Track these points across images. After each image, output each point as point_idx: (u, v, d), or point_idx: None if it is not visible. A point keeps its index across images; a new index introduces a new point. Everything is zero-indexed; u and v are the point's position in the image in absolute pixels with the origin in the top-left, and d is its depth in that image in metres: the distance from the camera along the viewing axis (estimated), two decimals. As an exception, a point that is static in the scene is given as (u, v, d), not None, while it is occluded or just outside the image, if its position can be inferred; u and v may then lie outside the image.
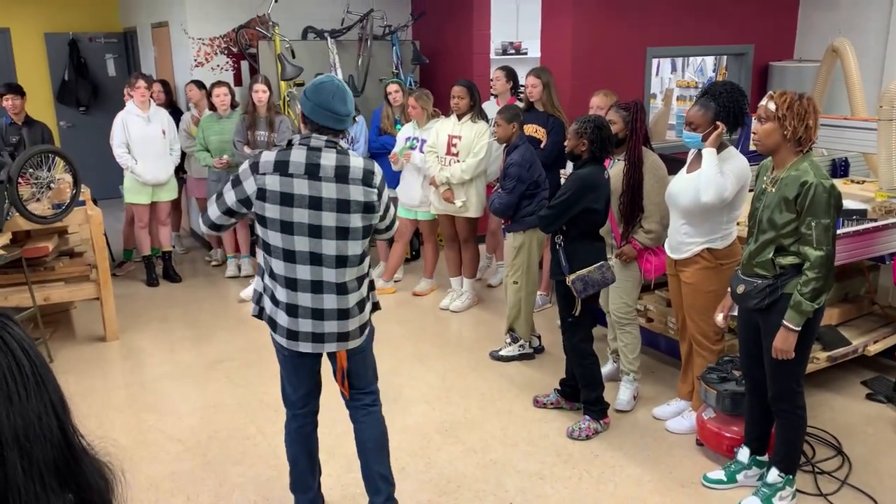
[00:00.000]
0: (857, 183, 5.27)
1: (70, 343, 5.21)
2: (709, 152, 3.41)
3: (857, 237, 3.95)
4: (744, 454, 3.40)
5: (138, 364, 4.92)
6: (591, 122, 3.67)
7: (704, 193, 3.39)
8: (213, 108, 6.26)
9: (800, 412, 3.16)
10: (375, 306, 3.03)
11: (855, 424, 3.93)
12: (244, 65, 7.13)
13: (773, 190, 3.00)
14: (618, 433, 3.89)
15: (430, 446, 3.81)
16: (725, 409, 3.52)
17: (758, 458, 3.38)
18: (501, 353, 4.81)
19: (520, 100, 5.72)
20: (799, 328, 2.94)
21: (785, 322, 2.95)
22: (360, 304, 2.87)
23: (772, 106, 2.96)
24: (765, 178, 3.10)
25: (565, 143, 3.79)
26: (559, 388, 4.16)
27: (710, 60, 8.52)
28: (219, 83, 6.25)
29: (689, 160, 3.67)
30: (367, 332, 2.96)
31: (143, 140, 6.03)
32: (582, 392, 3.91)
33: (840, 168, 5.65)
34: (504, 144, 4.64)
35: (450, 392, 4.39)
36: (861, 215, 4.19)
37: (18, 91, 6.05)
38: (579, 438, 3.81)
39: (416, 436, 3.88)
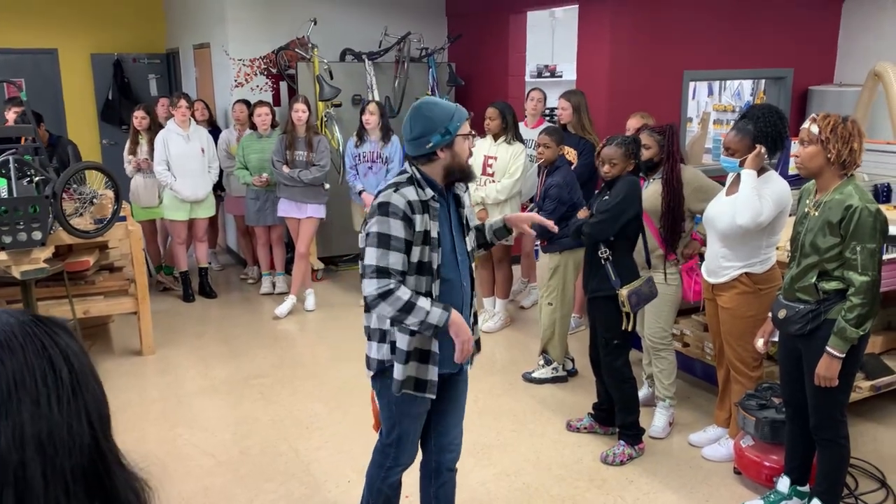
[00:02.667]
0: (901, 209, 5.15)
1: (108, 356, 5.29)
2: (747, 174, 3.37)
3: (902, 263, 3.86)
4: (784, 484, 3.32)
5: (174, 378, 4.97)
6: (633, 139, 3.76)
7: (740, 216, 3.34)
8: (253, 127, 6.36)
9: (843, 441, 3.08)
10: (411, 356, 2.57)
11: (899, 456, 3.82)
12: (283, 85, 7.25)
13: (817, 214, 2.95)
14: (653, 459, 3.82)
15: (462, 468, 3.74)
16: (765, 436, 3.44)
17: (798, 488, 3.29)
18: (534, 374, 4.77)
19: (551, 122, 5.73)
20: (843, 355, 2.87)
21: (828, 348, 2.88)
22: (375, 333, 2.62)
23: (815, 129, 2.91)
24: (807, 202, 3.05)
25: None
26: (592, 412, 4.11)
27: (747, 84, 8.45)
28: (260, 103, 6.36)
29: (727, 183, 3.63)
30: (380, 377, 2.67)
31: (182, 157, 6.14)
32: (618, 416, 3.86)
33: (882, 194, 5.54)
34: (542, 166, 4.64)
35: (482, 414, 4.36)
36: (905, 241, 4.09)
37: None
38: (614, 464, 3.75)
39: (448, 457, 3.85)
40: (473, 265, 2.72)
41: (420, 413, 2.73)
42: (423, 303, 2.44)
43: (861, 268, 2.82)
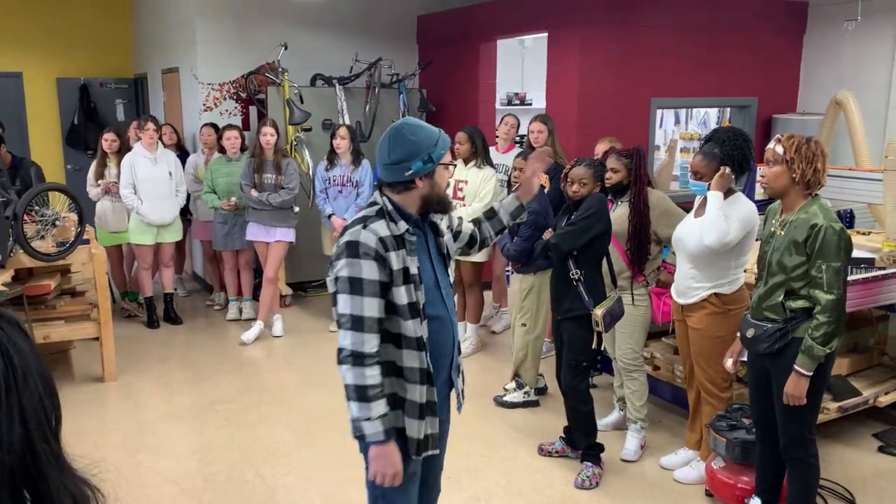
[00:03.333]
0: (864, 234, 5.25)
1: (68, 382, 5.14)
2: (713, 195, 3.40)
3: (866, 285, 3.92)
4: (755, 505, 3.31)
5: (136, 405, 4.84)
6: (600, 162, 3.82)
7: (707, 237, 3.37)
8: (222, 150, 6.31)
9: (812, 461, 3.08)
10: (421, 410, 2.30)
11: (867, 477, 3.84)
12: (252, 110, 7.22)
13: (783, 233, 2.98)
14: (625, 483, 3.79)
15: (432, 493, 3.70)
16: (735, 458, 3.43)
17: (770, 509, 3.28)
18: (506, 399, 4.73)
19: (520, 146, 5.77)
20: (811, 373, 2.89)
21: (796, 367, 2.89)
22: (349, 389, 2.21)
23: (780, 149, 2.96)
24: (773, 222, 3.09)
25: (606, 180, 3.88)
26: (564, 435, 4.07)
27: (713, 112, 8.59)
28: (229, 126, 6.32)
29: (695, 206, 3.66)
30: (360, 442, 2.29)
31: (149, 181, 6.06)
32: (579, 439, 3.84)
33: (845, 219, 5.64)
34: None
35: (455, 439, 4.26)
36: (868, 264, 4.16)
37: None
38: (591, 487, 3.71)
39: (418, 482, 3.78)
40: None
41: (413, 476, 2.37)
42: (378, 406, 2.17)
43: (827, 286, 2.85)
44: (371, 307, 2.17)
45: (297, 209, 6.01)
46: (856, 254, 4.14)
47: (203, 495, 3.69)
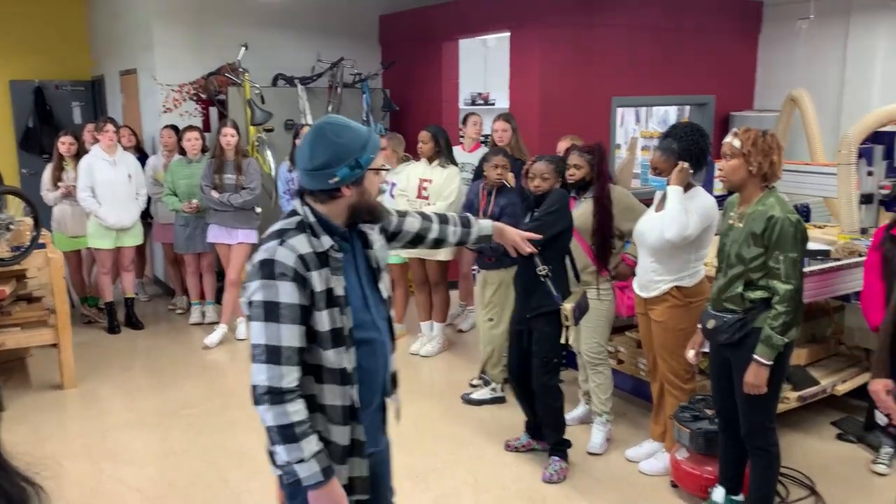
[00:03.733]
0: (819, 227, 5.37)
1: (25, 391, 5.02)
2: (673, 190, 3.45)
3: (822, 275, 4.00)
4: (719, 494, 3.35)
5: (97, 412, 4.74)
6: (560, 158, 3.86)
7: (668, 230, 3.42)
8: (182, 152, 6.22)
9: (773, 449, 3.13)
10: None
11: (827, 464, 3.92)
12: (213, 111, 7.13)
13: (741, 225, 3.03)
14: (591, 476, 3.82)
15: (400, 492, 3.66)
16: (699, 448, 3.48)
17: (732, 497, 3.33)
18: (473, 396, 4.73)
19: (485, 145, 5.79)
20: (770, 362, 2.94)
21: (756, 356, 2.95)
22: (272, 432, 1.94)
23: (737, 143, 3.01)
24: (731, 214, 3.14)
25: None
26: (527, 425, 4.10)
27: (672, 111, 8.72)
28: (190, 128, 6.23)
29: (656, 201, 3.71)
30: (283, 479, 2.03)
31: (108, 184, 5.95)
32: (550, 434, 3.85)
33: (801, 213, 5.76)
34: (486, 187, 4.66)
35: (421, 438, 4.30)
36: (824, 256, 4.25)
37: None
38: (559, 481, 3.74)
39: (386, 481, 3.77)
40: (392, 313, 2.20)
41: None
42: (309, 444, 1.90)
43: (784, 276, 2.90)
44: (290, 336, 1.89)
45: (259, 210, 5.95)
46: (812, 246, 4.24)
47: (167, 502, 3.63)
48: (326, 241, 1.96)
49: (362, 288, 2.08)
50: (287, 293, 1.89)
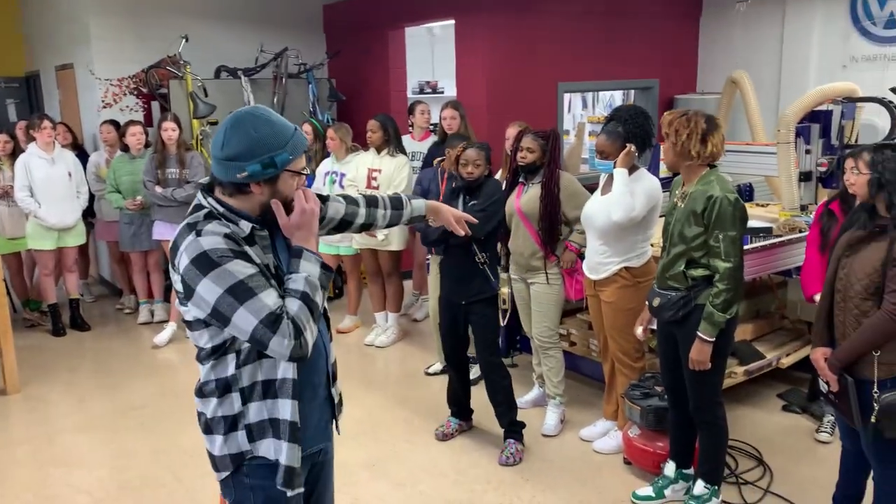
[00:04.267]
0: (762, 206, 5.50)
1: (-34, 399, 4.86)
2: (619, 172, 3.50)
3: (765, 251, 4.10)
4: (670, 468, 3.43)
5: (43, 416, 4.62)
6: (487, 146, 3.93)
7: (615, 212, 3.47)
8: (125, 148, 6.07)
9: (721, 423, 3.21)
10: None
11: (773, 435, 4.03)
12: (155, 105, 6.97)
13: (683, 205, 3.09)
14: (547, 457, 3.87)
15: (357, 483, 3.69)
16: (650, 424, 3.55)
17: (683, 471, 3.41)
18: (430, 370, 4.88)
19: (435, 133, 5.78)
20: (713, 339, 3.01)
21: (699, 333, 3.01)
22: (219, 424, 1.95)
23: (664, 126, 3.09)
24: (676, 193, 3.19)
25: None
26: (453, 412, 4.16)
27: (618, 95, 8.83)
28: (133, 122, 6.08)
29: (601, 184, 3.75)
30: (238, 477, 1.99)
31: (47, 182, 5.77)
32: (503, 415, 3.90)
33: (745, 193, 5.89)
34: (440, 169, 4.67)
35: (376, 428, 4.29)
36: (767, 232, 4.36)
37: None
38: (515, 464, 3.78)
39: (342, 473, 3.69)
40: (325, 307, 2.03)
41: None
42: (296, 282, 1.82)
43: (724, 255, 2.97)
44: (273, 299, 1.77)
45: (206, 205, 5.83)
46: (755, 224, 4.34)
47: None
48: (246, 225, 1.85)
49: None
50: (239, 267, 1.76)
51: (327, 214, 2.21)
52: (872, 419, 2.58)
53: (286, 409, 1.91)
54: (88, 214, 6.42)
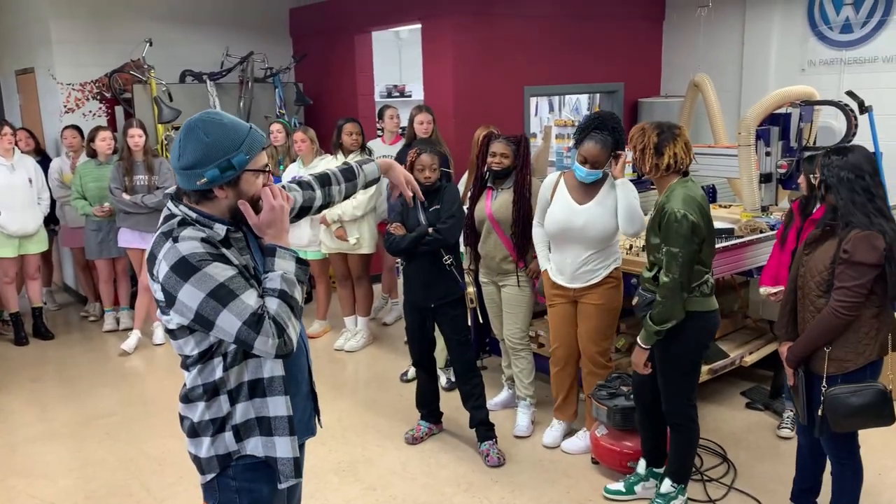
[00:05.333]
0: (725, 207, 5.60)
1: (-74, 410, 4.76)
2: (623, 183, 3.55)
3: (727, 252, 4.18)
4: (642, 466, 3.49)
5: (6, 427, 4.54)
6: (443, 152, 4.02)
7: (629, 226, 3.56)
8: (91, 154, 5.98)
9: (692, 425, 3.27)
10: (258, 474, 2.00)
11: (737, 432, 4.11)
12: (119, 110, 6.88)
13: (653, 213, 3.15)
14: (516, 458, 3.90)
15: (326, 488, 3.69)
16: (617, 424, 3.60)
17: (654, 469, 3.47)
18: (409, 375, 4.87)
19: (404, 136, 5.80)
20: (648, 347, 3.09)
21: (637, 339, 3.10)
22: (206, 427, 1.95)
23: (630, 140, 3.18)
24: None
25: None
26: (423, 415, 4.17)
27: (584, 99, 8.92)
28: (102, 128, 5.99)
29: (567, 191, 3.71)
30: (222, 479, 1.99)
31: (7, 189, 5.67)
32: (477, 412, 3.93)
33: (708, 194, 5.99)
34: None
35: (346, 432, 4.29)
36: (729, 234, 4.44)
37: None
38: (502, 463, 3.82)
39: (312, 478, 3.73)
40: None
41: None
42: (273, 281, 1.84)
43: (665, 268, 3.00)
44: (253, 299, 1.78)
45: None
46: (717, 225, 4.41)
47: (85, 514, 3.52)
48: (221, 228, 1.87)
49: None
50: (219, 270, 1.77)
51: (293, 206, 2.22)
52: (819, 413, 2.67)
53: (279, 405, 1.95)
54: (51, 221, 6.31)
